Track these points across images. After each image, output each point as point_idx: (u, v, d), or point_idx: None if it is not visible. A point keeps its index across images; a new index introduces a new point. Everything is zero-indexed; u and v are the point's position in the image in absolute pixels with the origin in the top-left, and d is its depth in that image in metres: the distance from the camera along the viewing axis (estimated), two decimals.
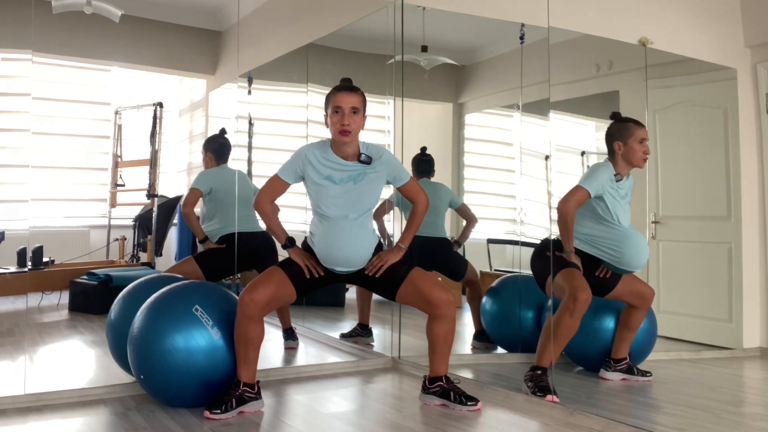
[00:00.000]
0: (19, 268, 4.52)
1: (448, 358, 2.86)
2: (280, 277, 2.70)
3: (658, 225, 4.18)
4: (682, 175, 4.21)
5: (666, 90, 4.24)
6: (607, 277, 3.19)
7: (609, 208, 3.10)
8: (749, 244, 4.13)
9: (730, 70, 4.22)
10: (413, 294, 2.77)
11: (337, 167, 2.75)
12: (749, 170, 4.18)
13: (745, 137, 4.18)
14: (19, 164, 4.49)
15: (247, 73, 4.82)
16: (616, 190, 3.12)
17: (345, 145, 2.74)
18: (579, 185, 3.07)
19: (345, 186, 2.74)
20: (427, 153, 4.18)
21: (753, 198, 4.18)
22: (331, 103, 2.73)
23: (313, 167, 2.74)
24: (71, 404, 2.74)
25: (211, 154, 4.06)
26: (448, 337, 2.82)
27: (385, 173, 2.82)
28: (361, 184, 2.75)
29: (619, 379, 3.30)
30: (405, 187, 2.91)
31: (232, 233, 3.84)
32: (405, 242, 2.89)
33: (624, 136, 3.13)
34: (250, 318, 2.59)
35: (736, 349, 4.03)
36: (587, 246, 3.16)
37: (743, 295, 4.06)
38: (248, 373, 2.66)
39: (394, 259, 2.81)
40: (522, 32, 3.90)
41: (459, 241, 4.23)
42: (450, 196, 4.23)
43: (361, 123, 2.75)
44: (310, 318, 4.58)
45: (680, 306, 4.11)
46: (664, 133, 4.17)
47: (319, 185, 2.74)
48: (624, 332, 3.30)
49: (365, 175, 2.76)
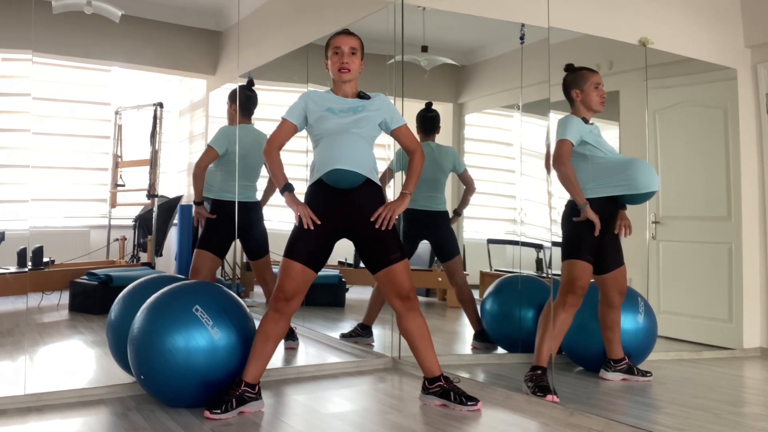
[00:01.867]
0: (19, 268, 4.52)
1: (433, 354, 2.86)
2: (293, 265, 2.70)
3: (658, 225, 4.18)
4: (682, 175, 4.21)
5: (666, 90, 4.24)
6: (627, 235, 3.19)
7: (597, 146, 3.13)
8: (749, 244, 4.13)
9: (730, 70, 4.22)
10: (390, 281, 2.78)
11: (338, 102, 2.83)
12: (749, 170, 4.18)
13: (745, 137, 4.18)
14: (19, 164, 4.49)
15: (247, 73, 4.82)
16: (591, 132, 3.15)
17: (345, 84, 2.83)
18: (559, 139, 3.09)
19: (344, 115, 2.79)
20: (432, 109, 4.11)
21: (753, 198, 4.18)
22: (330, 46, 2.85)
23: (314, 102, 2.82)
24: (71, 404, 2.74)
25: (236, 107, 3.93)
26: (422, 331, 2.83)
27: (382, 110, 2.85)
28: (360, 114, 2.80)
29: (619, 379, 3.29)
30: (400, 132, 2.91)
31: (224, 201, 3.79)
32: (410, 188, 2.86)
33: (579, 83, 3.19)
34: (282, 314, 2.68)
35: (737, 349, 4.03)
36: (600, 189, 3.12)
37: (743, 295, 4.06)
38: (256, 371, 2.67)
39: (401, 207, 2.80)
40: (522, 32, 3.90)
41: (459, 211, 4.19)
42: (453, 160, 4.16)
43: (360, 65, 2.85)
44: (310, 318, 4.58)
45: (680, 306, 4.11)
46: (664, 133, 4.17)
47: (320, 115, 2.78)
48: (606, 333, 3.30)
49: (364, 108, 2.82)
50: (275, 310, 2.69)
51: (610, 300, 3.25)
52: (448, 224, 4.12)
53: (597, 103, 3.18)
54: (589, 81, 3.18)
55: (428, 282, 4.80)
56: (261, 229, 3.94)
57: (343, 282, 5.13)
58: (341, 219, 2.76)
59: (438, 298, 5.00)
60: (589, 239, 3.07)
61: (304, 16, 4.87)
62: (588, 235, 3.07)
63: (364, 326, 4.10)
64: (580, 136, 3.11)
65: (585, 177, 3.12)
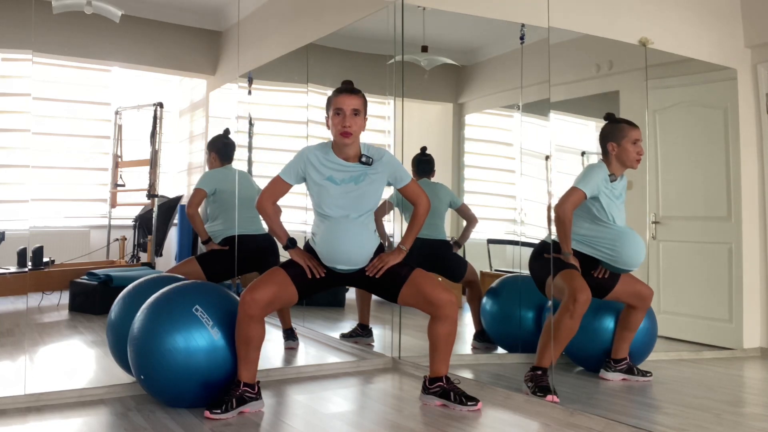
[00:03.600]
0: (19, 268, 4.52)
1: (449, 358, 2.86)
2: (282, 278, 2.71)
3: (658, 225, 4.18)
4: (682, 175, 4.20)
5: (666, 90, 4.23)
6: (605, 277, 3.19)
7: (604, 209, 3.11)
8: (749, 244, 4.13)
9: (730, 71, 4.22)
10: (416, 296, 2.78)
11: (339, 168, 2.76)
12: (749, 170, 4.17)
13: (745, 137, 4.18)
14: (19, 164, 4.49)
15: (248, 74, 4.82)
16: (611, 191, 3.13)
17: (346, 146, 2.76)
18: (574, 186, 3.08)
19: (346, 186, 2.75)
20: (427, 153, 4.18)
21: (753, 198, 4.17)
22: (332, 105, 2.75)
23: (314, 168, 2.76)
24: (71, 404, 2.74)
25: (215, 154, 4.06)
26: (450, 338, 2.82)
27: (386, 174, 2.83)
28: (362, 184, 2.76)
29: (620, 379, 3.29)
30: (406, 189, 2.91)
31: (244, 235, 3.85)
32: (406, 244, 2.89)
33: (617, 137, 3.14)
34: (251, 318, 2.60)
35: (737, 349, 4.02)
36: (584, 246, 3.17)
37: (743, 295, 4.06)
38: (249, 373, 2.66)
39: (395, 260, 2.81)
40: (522, 32, 3.90)
41: (459, 242, 4.23)
42: (450, 196, 4.23)
43: (362, 125, 2.77)
44: (310, 318, 4.58)
45: (680, 306, 4.11)
46: (664, 133, 4.17)
47: (321, 186, 2.75)
48: (623, 332, 3.30)
49: (366, 176, 2.77)
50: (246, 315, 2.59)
51: (630, 305, 3.26)
52: (451, 251, 4.16)
53: (633, 161, 3.14)
54: (628, 136, 3.13)
55: None
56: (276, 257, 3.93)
57: None
58: (342, 280, 2.85)
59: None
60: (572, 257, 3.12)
61: (304, 16, 4.87)
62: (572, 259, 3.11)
63: (363, 326, 4.11)
64: (597, 192, 3.09)
65: (578, 230, 3.15)
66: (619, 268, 3.15)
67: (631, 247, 3.10)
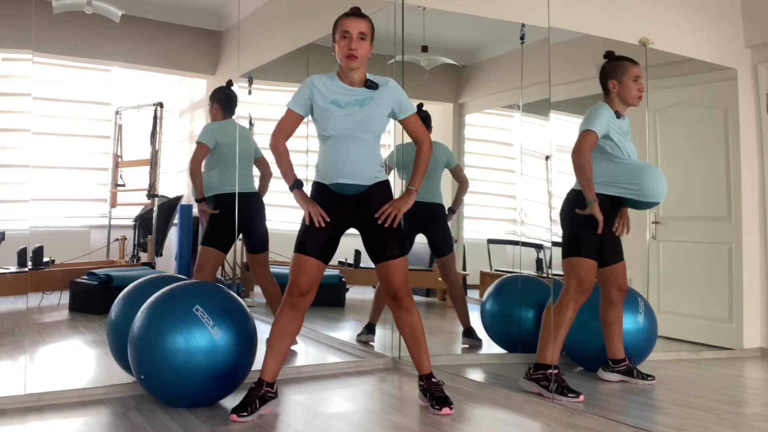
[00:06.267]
0: (19, 268, 4.52)
1: (425, 353, 2.84)
2: (306, 260, 2.69)
3: (658, 225, 4.18)
4: (682, 175, 4.20)
5: (666, 90, 4.24)
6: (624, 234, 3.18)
7: (618, 145, 3.09)
8: (749, 244, 4.13)
9: (731, 70, 4.22)
10: (383, 277, 2.78)
11: (344, 92, 2.72)
12: (749, 170, 4.18)
13: (745, 137, 4.18)
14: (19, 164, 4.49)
15: (248, 73, 4.82)
16: (619, 127, 3.11)
17: (352, 71, 2.71)
18: (586, 129, 3.04)
19: (351, 110, 2.70)
20: (423, 110, 4.14)
21: (753, 198, 4.18)
22: (339, 28, 2.71)
23: (319, 92, 2.72)
24: (71, 404, 2.74)
25: (217, 105, 4.02)
26: (416, 331, 2.82)
27: (390, 101, 2.77)
28: (366, 108, 2.71)
29: (617, 380, 3.28)
30: (408, 121, 2.84)
31: (226, 194, 3.82)
32: (416, 184, 2.81)
33: (618, 74, 3.13)
34: (298, 309, 2.68)
35: (737, 349, 4.03)
36: (607, 187, 3.10)
37: (743, 295, 4.06)
38: (273, 369, 2.68)
39: (408, 205, 2.76)
40: (522, 32, 3.91)
41: (453, 208, 4.17)
42: (447, 155, 4.17)
43: (369, 50, 2.73)
44: (310, 318, 4.56)
45: (680, 306, 4.11)
46: (664, 133, 4.17)
47: (325, 109, 2.70)
48: (607, 331, 3.27)
49: (371, 100, 2.72)
50: (291, 306, 2.69)
51: (609, 296, 3.24)
52: (445, 219, 4.12)
53: (634, 97, 3.13)
54: (629, 73, 3.12)
55: (428, 282, 4.80)
56: (263, 221, 3.95)
57: (343, 282, 5.13)
58: (348, 215, 2.75)
59: (438, 298, 5.00)
60: (592, 235, 3.07)
61: (304, 16, 4.87)
62: (590, 231, 3.06)
63: (369, 325, 4.10)
64: (606, 130, 3.06)
65: (597, 172, 3.09)
66: (646, 202, 3.10)
67: (653, 178, 3.06)
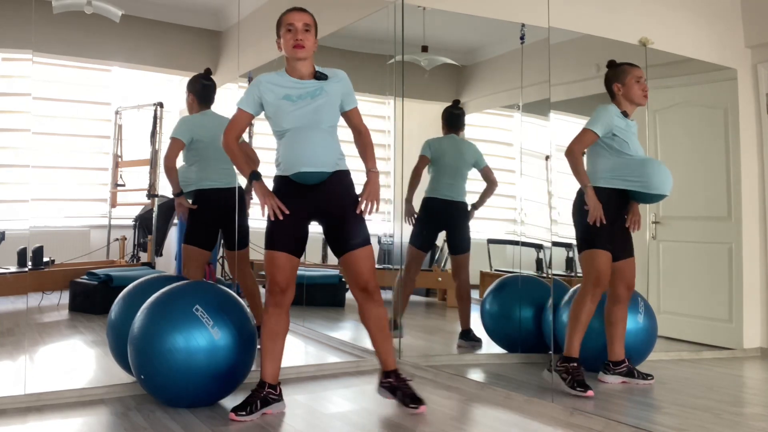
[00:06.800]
0: (19, 268, 4.52)
1: (390, 348, 2.86)
2: (277, 255, 2.67)
3: (658, 225, 4.18)
4: (682, 175, 4.20)
5: (666, 90, 4.23)
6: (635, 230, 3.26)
7: (625, 141, 3.17)
8: (749, 244, 4.13)
9: (731, 70, 4.22)
10: (348, 268, 2.76)
11: (293, 86, 2.71)
12: (749, 170, 4.17)
13: (745, 137, 4.18)
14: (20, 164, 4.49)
15: (248, 74, 4.81)
16: (626, 125, 3.19)
17: (299, 62, 2.70)
18: (585, 128, 3.16)
19: (303, 102, 2.68)
20: (459, 107, 4.13)
21: (753, 198, 4.18)
22: (283, 23, 2.74)
23: (269, 90, 2.71)
24: (71, 404, 2.74)
25: (193, 95, 3.85)
26: (383, 324, 2.81)
27: (340, 91, 2.76)
28: (318, 98, 2.69)
29: (618, 382, 3.27)
30: (351, 114, 2.82)
31: (206, 189, 3.70)
32: (374, 164, 2.79)
33: (621, 77, 3.25)
34: (281, 307, 2.67)
35: (737, 349, 4.02)
36: (615, 181, 3.17)
37: (743, 295, 4.06)
38: (273, 371, 2.68)
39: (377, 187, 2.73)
40: (522, 32, 3.91)
41: (476, 205, 4.19)
42: (476, 156, 4.19)
43: (314, 43, 2.73)
44: (310, 318, 4.58)
45: (680, 306, 4.11)
46: (664, 133, 4.17)
47: (277, 106, 2.69)
48: (610, 330, 3.27)
49: (322, 90, 2.71)
50: (275, 305, 2.68)
51: (616, 293, 3.24)
52: (466, 218, 4.14)
53: (639, 96, 3.23)
54: (631, 75, 3.23)
55: (428, 282, 4.80)
56: (244, 217, 3.84)
57: (343, 282, 5.13)
58: (310, 206, 2.71)
59: (438, 298, 4.99)
60: (604, 227, 3.11)
61: None
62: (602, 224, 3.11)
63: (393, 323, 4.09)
64: (609, 129, 3.15)
65: (605, 167, 3.19)
66: (653, 195, 3.15)
67: (659, 172, 3.14)
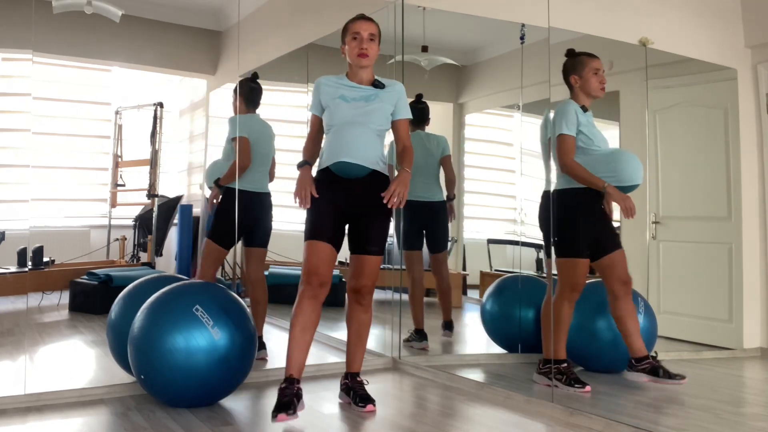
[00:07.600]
0: (19, 268, 4.52)
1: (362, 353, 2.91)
2: (319, 246, 2.70)
3: (658, 225, 4.18)
4: (682, 175, 4.21)
5: (666, 90, 4.24)
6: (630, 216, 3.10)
7: (590, 137, 3.14)
8: (749, 245, 4.13)
9: (731, 71, 4.22)
10: (355, 268, 2.82)
11: (351, 88, 2.81)
12: (749, 170, 4.18)
13: (745, 137, 4.18)
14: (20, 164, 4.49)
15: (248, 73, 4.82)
16: (587, 119, 3.16)
17: (362, 69, 2.81)
18: (561, 134, 3.12)
19: (356, 104, 2.78)
20: (422, 101, 4.12)
21: (753, 198, 4.18)
22: (349, 30, 2.84)
23: (326, 91, 2.82)
24: (71, 404, 2.74)
25: (242, 98, 3.94)
26: (364, 330, 2.87)
27: (394, 99, 2.83)
28: (372, 103, 2.78)
29: (644, 380, 3.11)
30: (399, 124, 2.86)
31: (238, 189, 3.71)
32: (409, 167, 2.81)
33: (578, 69, 3.20)
34: (318, 299, 2.66)
35: (737, 349, 4.03)
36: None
37: (743, 295, 4.06)
38: (301, 362, 2.66)
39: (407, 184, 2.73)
40: (522, 32, 3.91)
41: (450, 198, 4.17)
42: (442, 145, 4.18)
43: (377, 52, 2.84)
44: None
45: (680, 306, 4.11)
46: (664, 133, 4.17)
47: (333, 103, 2.78)
48: (620, 327, 3.19)
49: (377, 97, 2.80)
50: (311, 297, 2.66)
51: (613, 290, 3.18)
52: (445, 216, 4.15)
53: (596, 89, 3.18)
54: (588, 66, 3.17)
55: (428, 282, 4.80)
56: (268, 222, 3.88)
57: (343, 282, 5.12)
58: (345, 203, 2.76)
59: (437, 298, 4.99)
60: (582, 232, 3.10)
61: (304, 16, 4.87)
62: (581, 226, 3.10)
63: (418, 330, 4.08)
64: (576, 127, 3.14)
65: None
66: (625, 186, 3.10)
67: (628, 162, 3.11)
